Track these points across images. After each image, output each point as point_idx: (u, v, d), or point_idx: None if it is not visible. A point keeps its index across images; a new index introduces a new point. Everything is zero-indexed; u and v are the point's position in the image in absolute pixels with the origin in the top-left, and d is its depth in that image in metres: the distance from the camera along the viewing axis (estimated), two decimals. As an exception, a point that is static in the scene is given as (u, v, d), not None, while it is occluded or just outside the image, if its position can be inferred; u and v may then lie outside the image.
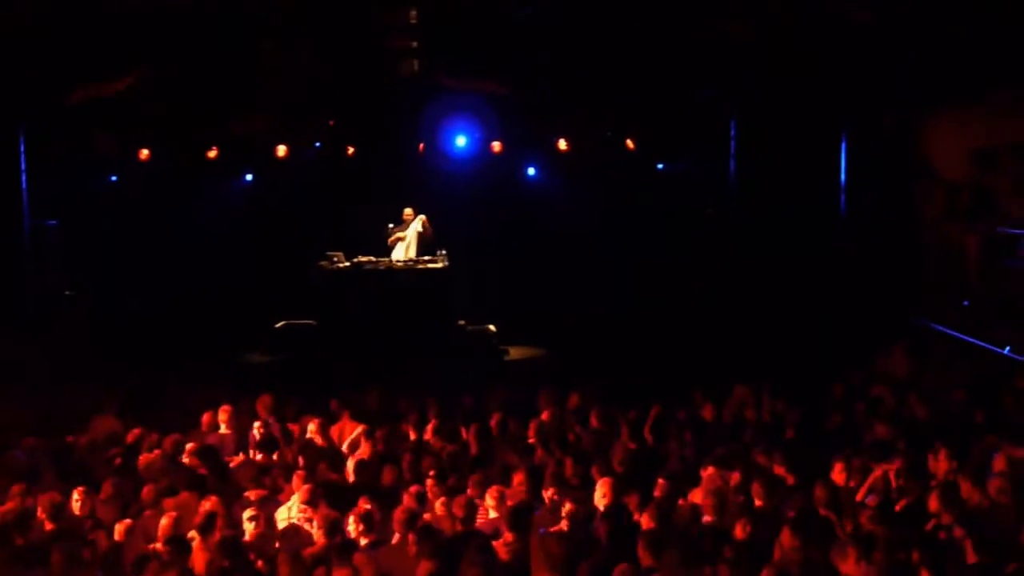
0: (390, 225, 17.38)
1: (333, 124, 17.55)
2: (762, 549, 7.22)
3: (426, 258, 17.17)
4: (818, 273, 16.04)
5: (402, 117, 17.23)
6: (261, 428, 10.41)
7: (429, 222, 17.17)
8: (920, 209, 16.33)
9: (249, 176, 18.94)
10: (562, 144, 17.76)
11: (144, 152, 17.02)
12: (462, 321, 17.41)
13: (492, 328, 17.41)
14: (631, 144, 17.81)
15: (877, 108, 15.90)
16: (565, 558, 7.09)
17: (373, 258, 17.30)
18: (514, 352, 17.03)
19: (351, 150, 18.29)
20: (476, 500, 8.21)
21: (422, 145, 17.95)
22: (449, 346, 16.37)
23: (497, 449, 10.12)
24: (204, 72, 14.56)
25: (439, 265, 16.99)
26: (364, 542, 7.53)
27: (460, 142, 17.73)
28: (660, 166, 18.38)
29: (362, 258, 17.30)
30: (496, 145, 17.83)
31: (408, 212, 17.36)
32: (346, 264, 17.16)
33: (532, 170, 18.92)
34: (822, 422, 10.93)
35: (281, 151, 17.74)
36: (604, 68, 14.85)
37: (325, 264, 17.12)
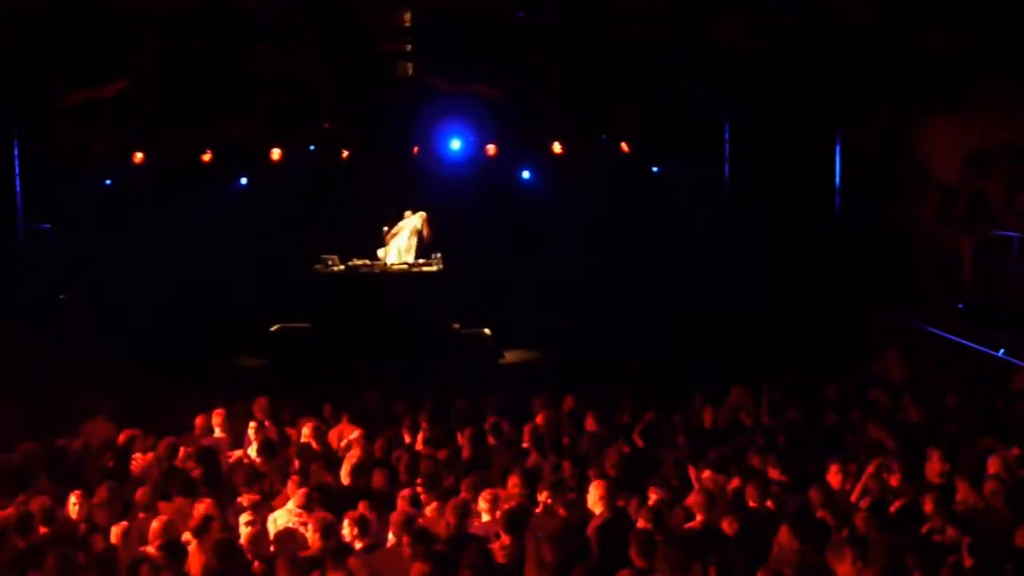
0: (384, 228, 17.38)
1: (328, 127, 17.53)
2: (755, 551, 7.21)
3: (421, 261, 17.17)
4: (813, 276, 16.05)
5: (396, 120, 17.22)
6: (256, 431, 10.39)
7: (429, 222, 17.15)
8: (914, 212, 16.36)
9: (244, 179, 18.91)
10: (556, 147, 17.75)
11: (138, 155, 16.98)
12: (457, 324, 17.40)
13: (487, 331, 17.40)
14: (625, 147, 17.81)
15: (871, 111, 15.92)
16: (558, 562, 7.08)
17: (368, 261, 17.30)
18: (509, 355, 17.04)
19: (346, 153, 18.29)
20: (470, 503, 8.20)
21: (416, 148, 17.95)
22: (444, 349, 16.37)
23: (492, 452, 10.10)
24: (198, 75, 14.56)
25: (434, 268, 17.00)
26: (359, 546, 7.52)
27: (455, 145, 17.73)
28: (655, 169, 18.37)
29: (357, 261, 17.30)
30: (490, 148, 17.82)
31: (408, 215, 17.39)
32: (341, 267, 17.15)
33: (527, 173, 18.91)
34: (817, 425, 10.93)
35: (276, 154, 17.73)
36: (598, 71, 14.86)
37: (320, 267, 17.11)
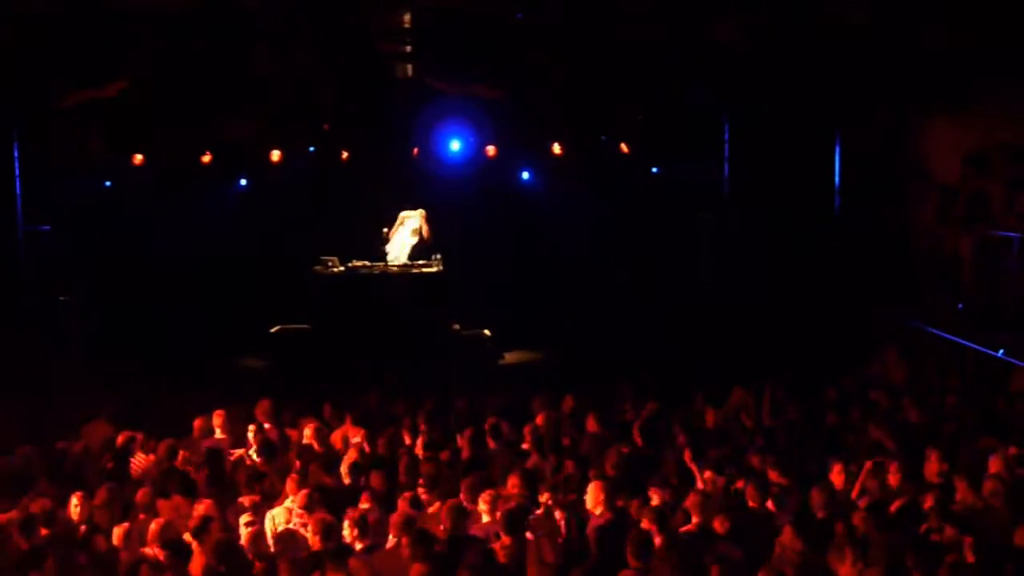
0: (384, 229, 17.38)
1: (327, 128, 17.53)
2: (755, 551, 7.21)
3: (421, 262, 17.17)
4: (812, 276, 16.05)
5: (396, 121, 17.22)
6: (256, 433, 10.38)
7: (427, 220, 17.15)
8: (914, 212, 16.36)
9: (243, 181, 18.92)
10: (556, 148, 17.75)
11: (138, 157, 16.99)
12: (457, 325, 17.40)
13: (487, 332, 17.40)
14: (625, 148, 17.81)
15: (871, 111, 15.92)
16: (558, 563, 7.08)
17: (368, 262, 17.29)
18: (509, 356, 17.04)
19: (345, 155, 18.29)
20: (470, 504, 8.19)
21: (416, 149, 17.95)
22: (444, 350, 16.36)
23: (491, 453, 10.10)
24: (198, 76, 14.56)
25: (434, 269, 17.00)
26: (359, 547, 7.52)
27: (454, 146, 17.73)
28: (654, 169, 18.38)
29: (357, 263, 17.30)
30: (490, 149, 17.82)
31: (407, 212, 17.40)
32: (341, 269, 17.14)
33: (526, 174, 18.91)
34: (817, 425, 10.92)
35: (275, 156, 17.74)
36: (598, 72, 14.86)
37: (320, 269, 17.11)
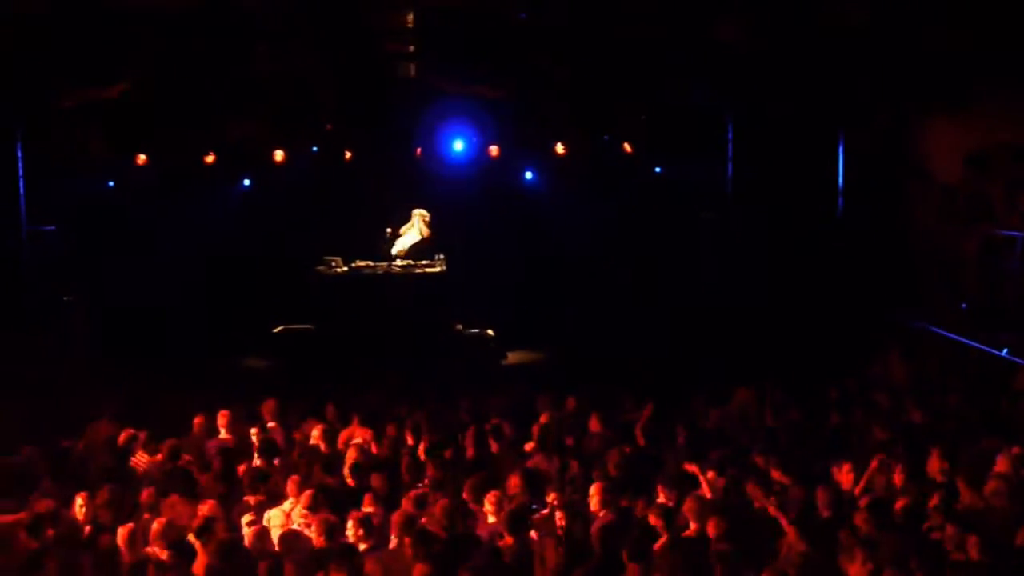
0: (388, 230, 17.40)
1: (330, 129, 17.55)
2: (756, 552, 7.21)
3: (424, 262, 17.18)
4: (815, 276, 16.04)
5: (399, 121, 17.23)
6: (259, 433, 10.38)
7: (428, 222, 17.17)
8: (916, 212, 16.35)
9: (246, 181, 18.93)
10: (559, 148, 17.76)
11: (141, 157, 17.01)
12: (460, 325, 17.41)
13: (490, 332, 17.41)
14: (628, 148, 17.82)
15: (872, 111, 15.91)
16: (561, 564, 7.08)
17: (371, 263, 17.31)
18: (512, 356, 17.05)
19: (348, 155, 18.30)
20: (473, 504, 8.20)
21: (419, 149, 17.95)
22: (447, 350, 16.38)
23: (495, 453, 10.10)
24: (200, 76, 14.56)
25: (437, 269, 17.02)
26: (363, 547, 7.52)
27: (457, 146, 17.74)
28: (657, 169, 18.38)
29: (360, 263, 17.31)
30: (493, 149, 17.83)
31: (416, 213, 17.46)
32: (344, 269, 17.16)
33: (529, 174, 18.92)
34: (820, 425, 10.92)
35: (278, 156, 17.74)
36: (601, 72, 14.86)
37: (323, 269, 17.13)
